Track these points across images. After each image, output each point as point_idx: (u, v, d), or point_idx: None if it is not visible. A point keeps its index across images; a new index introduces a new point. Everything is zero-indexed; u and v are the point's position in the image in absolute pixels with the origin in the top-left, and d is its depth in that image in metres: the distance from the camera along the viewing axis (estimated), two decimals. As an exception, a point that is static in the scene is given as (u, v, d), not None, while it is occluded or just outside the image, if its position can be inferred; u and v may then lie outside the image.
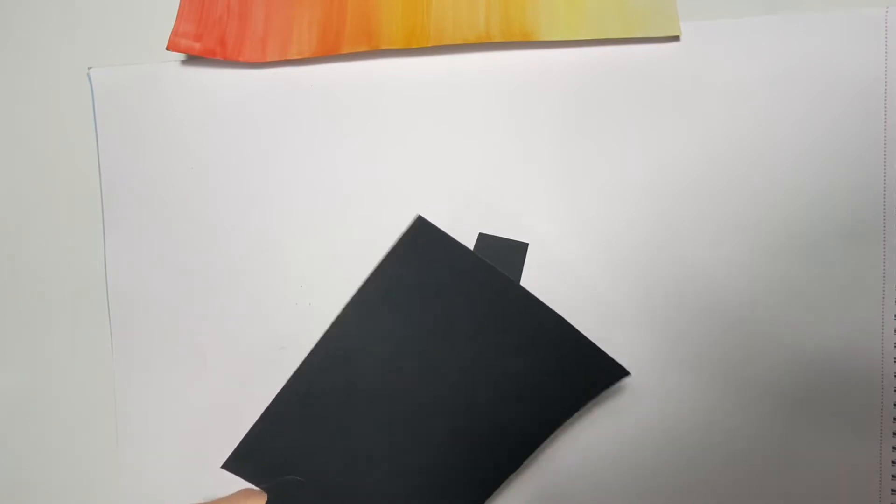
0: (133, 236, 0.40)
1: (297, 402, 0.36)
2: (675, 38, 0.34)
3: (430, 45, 0.36)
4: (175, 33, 0.38)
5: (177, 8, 0.38)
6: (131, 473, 0.40)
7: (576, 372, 0.34)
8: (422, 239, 0.34)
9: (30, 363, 0.42)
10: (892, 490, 0.33)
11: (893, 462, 0.33)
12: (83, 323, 0.41)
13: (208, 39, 0.38)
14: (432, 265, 0.34)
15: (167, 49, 0.38)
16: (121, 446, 0.40)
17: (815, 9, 0.34)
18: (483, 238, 0.36)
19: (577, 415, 0.35)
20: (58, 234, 0.41)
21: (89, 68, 0.40)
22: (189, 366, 0.39)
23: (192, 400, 0.39)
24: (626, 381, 0.35)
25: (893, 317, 0.33)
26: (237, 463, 0.36)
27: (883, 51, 0.33)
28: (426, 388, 0.35)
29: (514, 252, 0.36)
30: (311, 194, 0.38)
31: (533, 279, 0.35)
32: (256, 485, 0.36)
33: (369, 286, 0.35)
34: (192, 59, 0.39)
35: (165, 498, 0.40)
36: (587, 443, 0.35)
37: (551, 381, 0.34)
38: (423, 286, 0.35)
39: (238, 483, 0.36)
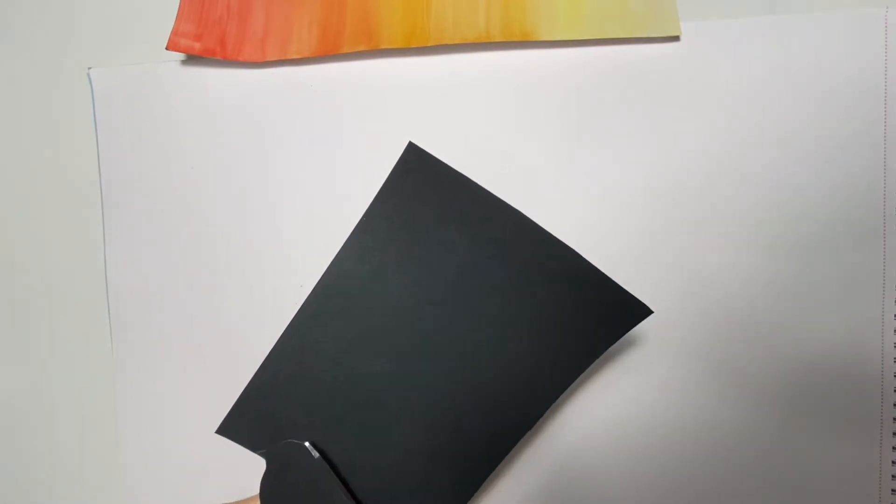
0: (133, 236, 0.40)
1: (292, 357, 0.33)
2: (675, 38, 0.34)
3: (430, 44, 0.36)
4: (175, 33, 0.38)
5: (177, 8, 0.38)
6: (131, 473, 0.40)
7: (596, 310, 0.31)
8: (414, 167, 0.32)
9: (30, 363, 0.42)
10: (893, 490, 0.33)
11: (893, 462, 0.33)
12: (83, 323, 0.41)
13: (208, 39, 0.38)
14: (427, 194, 0.32)
15: (167, 49, 0.38)
16: (121, 446, 0.40)
17: (815, 9, 0.34)
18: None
19: (579, 414, 0.35)
20: (58, 234, 0.41)
21: (89, 68, 0.40)
22: (189, 366, 0.39)
23: (192, 400, 0.39)
24: (625, 377, 0.35)
25: (893, 317, 0.33)
26: (231, 428, 0.34)
27: (883, 51, 0.33)
28: (432, 331, 0.32)
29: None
30: (310, 194, 0.38)
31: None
32: (254, 450, 0.34)
33: (364, 224, 0.33)
34: (192, 58, 0.39)
35: (165, 498, 0.40)
36: (582, 444, 0.35)
37: (571, 321, 0.31)
38: (419, 218, 0.32)
39: (237, 486, 0.36)
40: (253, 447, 0.34)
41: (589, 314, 0.31)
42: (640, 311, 0.31)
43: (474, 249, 0.32)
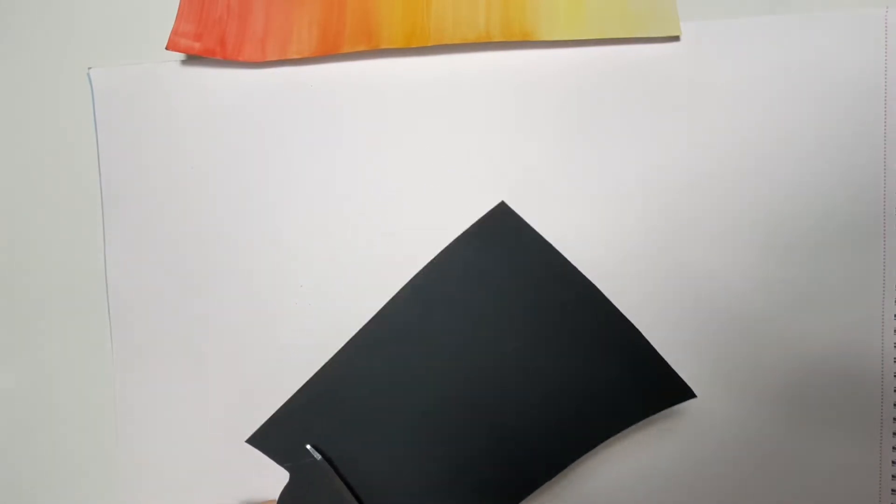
0: (133, 236, 0.40)
1: (337, 380, 0.34)
2: (675, 38, 0.34)
3: (429, 44, 0.36)
4: (175, 33, 0.38)
5: (177, 8, 0.38)
6: (131, 473, 0.40)
7: (640, 384, 0.33)
8: (498, 224, 0.34)
9: (30, 363, 0.42)
10: (893, 490, 0.33)
11: (893, 462, 0.33)
12: (83, 323, 0.41)
13: (208, 39, 0.38)
14: (505, 251, 0.33)
15: (167, 49, 0.38)
16: (121, 446, 0.40)
17: (815, 9, 0.34)
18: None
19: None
20: (58, 234, 0.41)
21: (89, 68, 0.40)
22: (189, 366, 0.39)
23: (192, 400, 0.39)
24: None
25: (893, 317, 0.33)
26: (264, 440, 0.35)
27: (883, 51, 0.33)
28: (476, 378, 0.33)
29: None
30: (310, 194, 0.38)
31: (533, 279, 0.35)
32: (280, 463, 0.35)
33: (435, 267, 0.34)
34: (192, 58, 0.39)
35: (165, 498, 0.40)
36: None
37: (615, 389, 0.33)
38: (492, 271, 0.33)
39: (237, 485, 0.36)
40: (281, 460, 0.35)
41: (634, 387, 0.33)
42: (682, 393, 0.33)
43: (538, 308, 0.33)
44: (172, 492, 0.40)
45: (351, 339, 0.35)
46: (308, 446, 0.34)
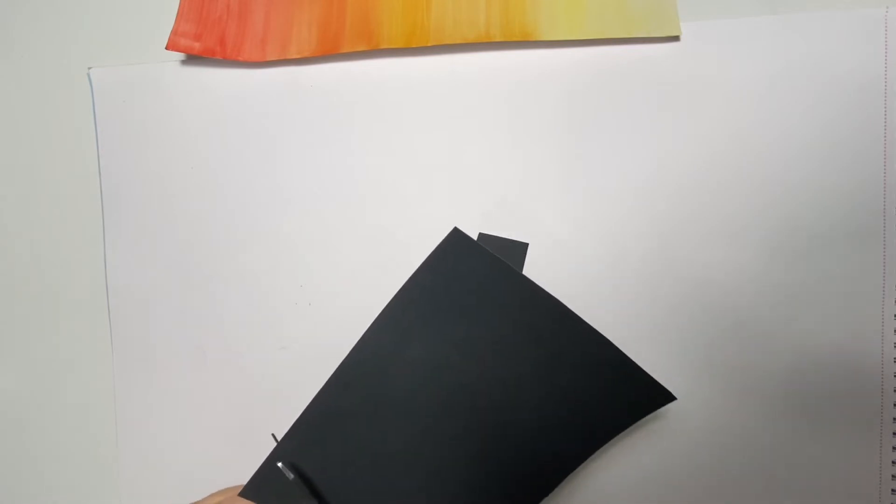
0: (133, 236, 0.40)
1: (320, 423, 0.34)
2: (675, 38, 0.34)
3: (429, 44, 0.36)
4: (175, 33, 0.38)
5: (177, 8, 0.38)
6: (131, 473, 0.40)
7: (618, 394, 0.33)
8: (456, 250, 0.34)
9: (30, 363, 0.42)
10: (893, 490, 0.33)
11: (893, 462, 0.33)
12: (83, 323, 0.41)
13: (208, 39, 0.38)
14: (467, 277, 0.33)
15: (167, 48, 0.38)
16: (121, 446, 0.40)
17: (815, 9, 0.34)
18: (483, 238, 0.36)
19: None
20: (58, 234, 0.41)
21: (89, 68, 0.40)
22: (189, 365, 0.39)
23: (192, 400, 0.39)
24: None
25: (893, 317, 0.33)
26: (256, 491, 0.34)
27: (883, 51, 0.33)
28: (459, 405, 0.33)
29: (514, 252, 0.36)
30: (310, 194, 0.38)
31: (533, 279, 0.35)
32: None
33: (400, 298, 0.34)
34: (192, 58, 0.39)
35: (165, 498, 0.40)
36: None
37: (592, 402, 0.33)
38: (456, 298, 0.33)
39: (236, 485, 0.36)
40: None
41: (613, 397, 0.33)
42: (662, 397, 0.33)
43: (509, 331, 0.33)
44: (172, 491, 0.40)
45: (331, 378, 0.34)
46: (279, 464, 0.33)
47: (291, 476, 0.33)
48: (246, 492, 0.34)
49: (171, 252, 0.39)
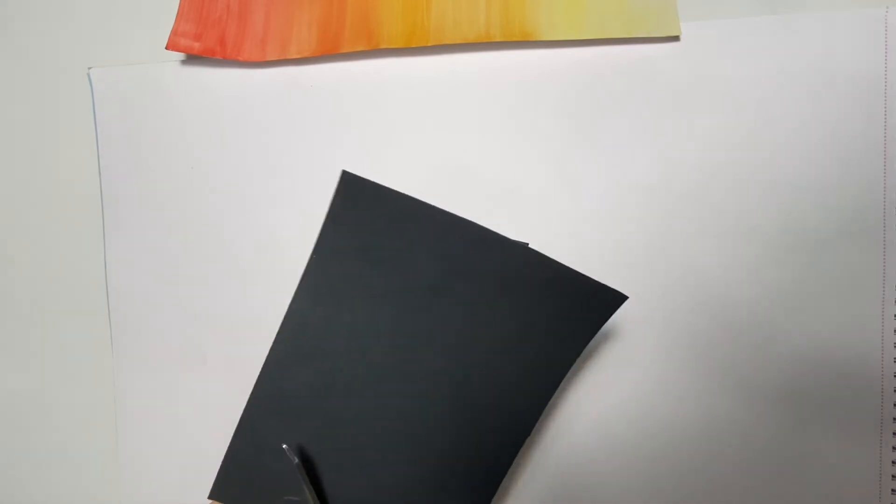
0: (133, 236, 0.40)
1: (268, 409, 0.32)
2: (675, 38, 0.34)
3: (429, 44, 0.36)
4: (175, 33, 0.38)
5: (177, 8, 0.38)
6: (131, 473, 0.40)
7: (571, 305, 0.30)
8: (354, 195, 0.30)
9: (30, 363, 0.42)
10: (893, 490, 0.33)
11: (893, 462, 0.33)
12: (83, 323, 0.41)
13: (208, 39, 0.38)
14: (375, 222, 0.30)
15: (167, 48, 0.38)
16: (121, 446, 0.40)
17: (815, 9, 0.34)
18: (483, 238, 0.36)
19: (578, 417, 0.35)
20: (58, 234, 0.41)
21: (89, 68, 0.40)
22: (189, 365, 0.39)
23: (192, 400, 0.39)
24: (627, 377, 0.35)
25: (893, 317, 0.33)
26: (223, 491, 0.33)
27: (883, 51, 0.33)
28: (408, 359, 0.31)
29: (514, 252, 0.36)
30: (310, 194, 0.38)
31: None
32: None
33: (314, 264, 0.31)
34: (192, 58, 0.39)
35: (165, 498, 0.40)
36: (583, 446, 0.35)
37: (548, 321, 0.30)
38: (370, 247, 0.30)
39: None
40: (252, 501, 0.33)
41: (564, 311, 0.31)
42: (614, 299, 0.31)
43: (435, 267, 0.30)
44: (172, 491, 0.40)
45: (264, 365, 0.32)
46: (284, 446, 0.31)
47: (296, 461, 0.31)
48: (213, 494, 0.33)
49: (171, 252, 0.39)
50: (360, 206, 0.30)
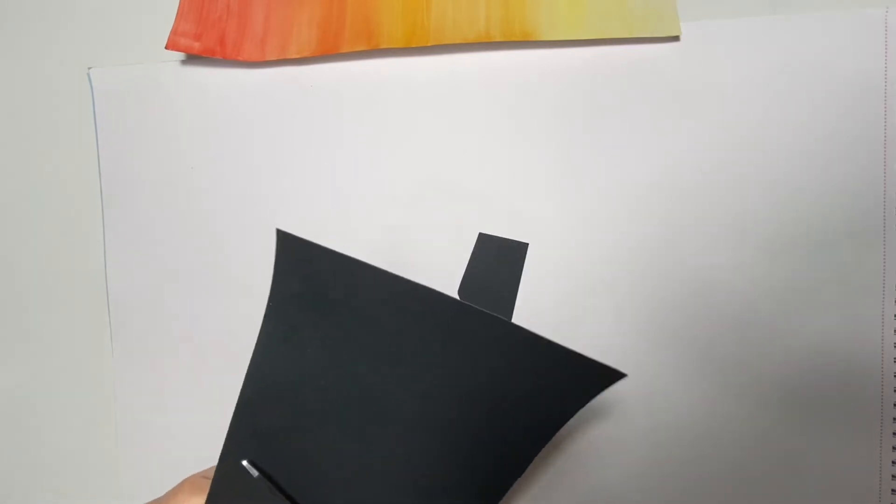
0: (133, 236, 0.40)
1: (245, 448, 0.30)
2: (675, 38, 0.34)
3: (429, 44, 0.36)
4: (175, 32, 0.38)
5: (177, 8, 0.38)
6: (131, 473, 0.40)
7: (554, 385, 0.27)
8: (291, 252, 0.29)
9: (30, 363, 0.42)
10: (893, 490, 0.33)
11: (893, 462, 0.33)
12: (83, 323, 0.41)
13: (208, 39, 0.38)
14: (320, 276, 0.29)
15: (167, 48, 0.38)
16: (121, 446, 0.40)
17: (815, 9, 0.34)
18: (483, 238, 0.36)
19: (576, 417, 0.35)
20: (58, 234, 0.41)
21: (89, 68, 0.40)
22: (189, 365, 0.39)
23: (192, 399, 0.39)
24: (627, 381, 0.35)
25: (893, 317, 0.33)
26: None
27: (883, 51, 0.33)
28: (381, 411, 0.29)
29: (515, 252, 0.35)
30: (310, 193, 0.38)
31: (533, 280, 0.35)
32: None
33: (271, 310, 0.30)
34: (192, 58, 0.39)
35: (165, 498, 0.40)
36: (583, 447, 0.35)
37: (527, 397, 0.27)
38: (319, 299, 0.29)
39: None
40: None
41: (547, 388, 0.27)
42: (609, 376, 0.27)
43: (388, 325, 0.28)
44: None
45: (237, 403, 0.31)
46: (244, 462, 0.30)
47: (255, 474, 0.30)
48: None
49: (170, 252, 0.39)
50: (300, 260, 0.29)
